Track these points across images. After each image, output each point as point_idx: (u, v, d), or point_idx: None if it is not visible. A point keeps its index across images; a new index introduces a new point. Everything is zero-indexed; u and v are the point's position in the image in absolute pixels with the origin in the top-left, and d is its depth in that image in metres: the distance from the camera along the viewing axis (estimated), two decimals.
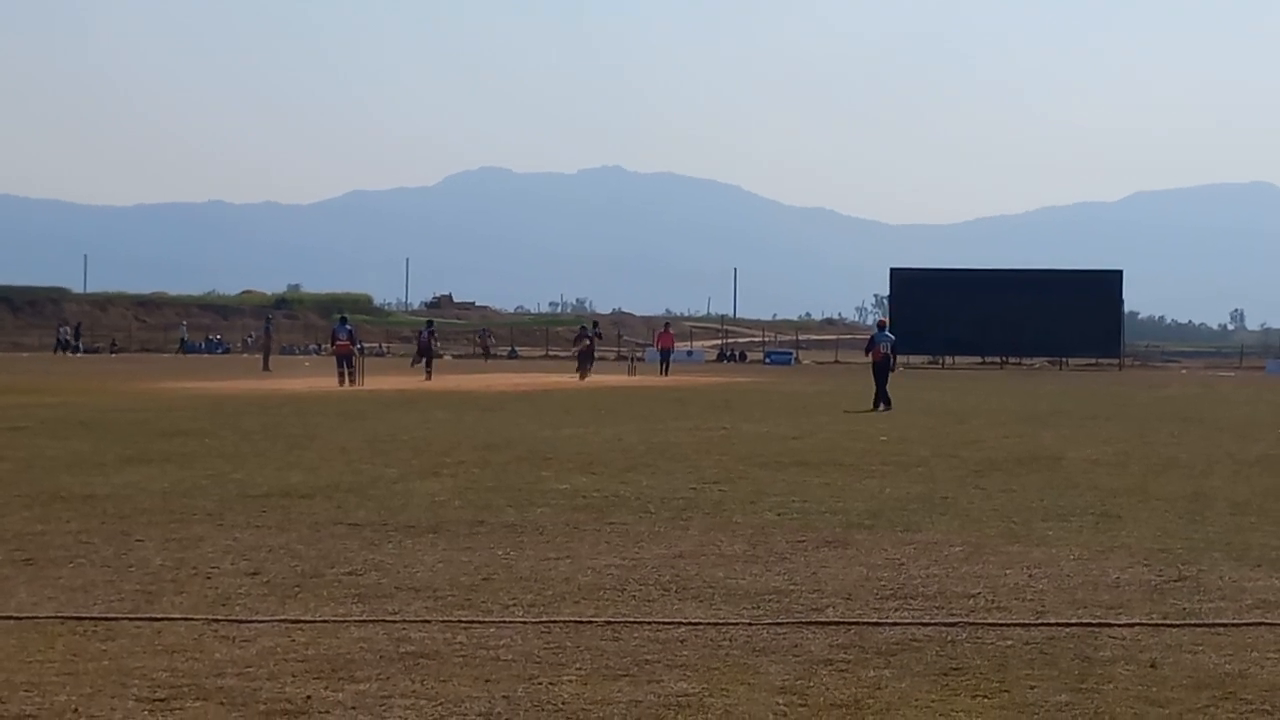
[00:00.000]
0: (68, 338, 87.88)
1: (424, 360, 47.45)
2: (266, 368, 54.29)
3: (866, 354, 33.55)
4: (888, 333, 33.72)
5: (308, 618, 8.15)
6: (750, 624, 8.10)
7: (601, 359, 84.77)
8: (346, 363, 40.60)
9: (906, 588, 9.27)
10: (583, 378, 46.75)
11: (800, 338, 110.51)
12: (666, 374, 54.13)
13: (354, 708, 6.35)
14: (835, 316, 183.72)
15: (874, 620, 8.24)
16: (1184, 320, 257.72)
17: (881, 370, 31.74)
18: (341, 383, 39.66)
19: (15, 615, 8.15)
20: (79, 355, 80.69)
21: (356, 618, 8.18)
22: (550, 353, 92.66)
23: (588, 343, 50.22)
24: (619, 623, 8.09)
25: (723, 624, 8.08)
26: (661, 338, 62.02)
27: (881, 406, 30.47)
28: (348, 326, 42.43)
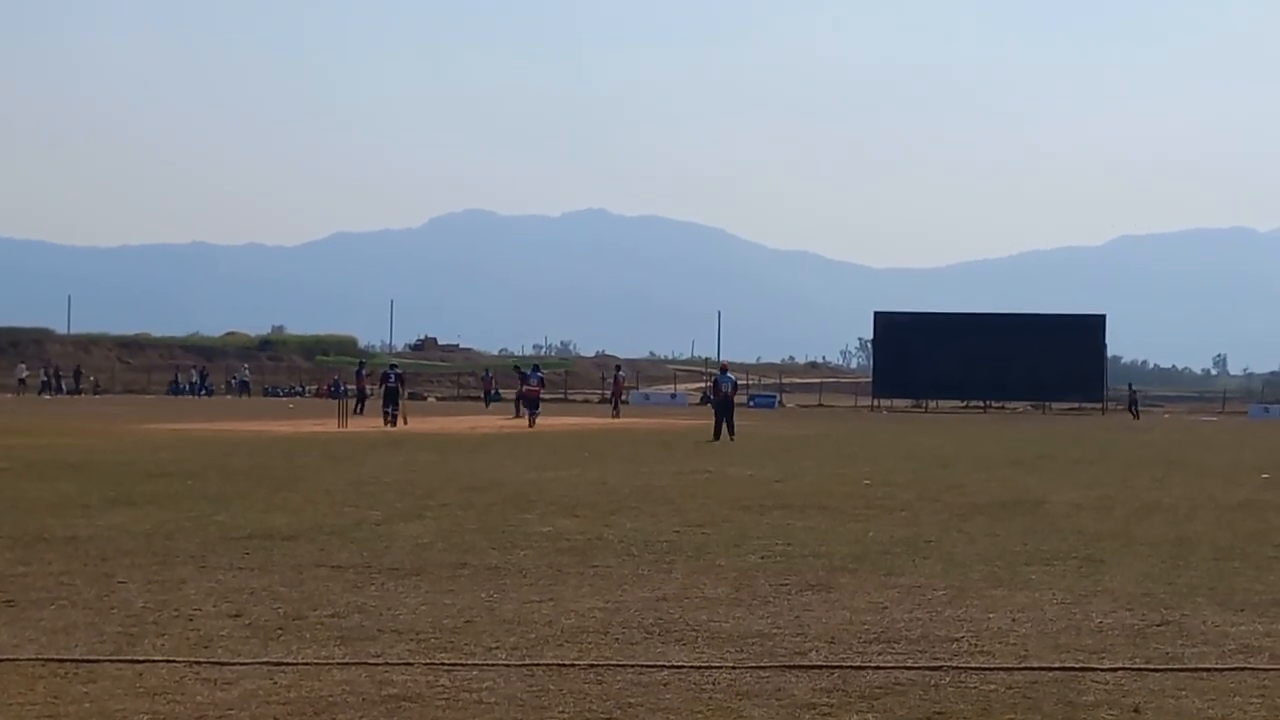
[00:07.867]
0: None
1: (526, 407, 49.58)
2: (359, 411, 50.36)
3: (712, 395, 39.78)
4: (729, 375, 39.42)
5: (290, 660, 8.12)
6: (734, 668, 8.09)
7: (585, 401, 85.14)
8: (530, 405, 45.06)
9: (890, 632, 9.27)
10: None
11: (784, 381, 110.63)
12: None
13: None
14: (819, 360, 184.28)
15: (857, 664, 8.23)
16: (1167, 365, 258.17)
17: (724, 406, 37.05)
18: (530, 423, 43.93)
19: None
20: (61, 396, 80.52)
21: (339, 660, 8.15)
22: None
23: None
24: (602, 666, 8.07)
25: (706, 668, 8.07)
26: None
27: (730, 438, 35.13)
28: (540, 374, 47.49)
